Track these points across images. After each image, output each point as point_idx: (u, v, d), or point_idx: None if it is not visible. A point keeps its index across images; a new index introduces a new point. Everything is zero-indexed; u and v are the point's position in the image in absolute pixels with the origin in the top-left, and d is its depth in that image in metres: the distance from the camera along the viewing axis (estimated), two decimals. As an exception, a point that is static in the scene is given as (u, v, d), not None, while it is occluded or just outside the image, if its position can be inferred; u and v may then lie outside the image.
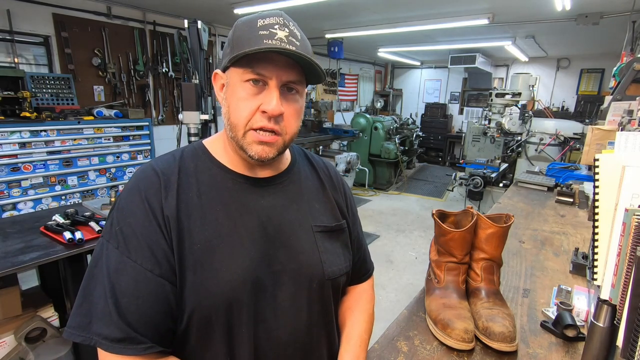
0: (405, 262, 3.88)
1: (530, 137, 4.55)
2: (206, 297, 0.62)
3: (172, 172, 0.67)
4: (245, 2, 3.94)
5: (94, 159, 3.51)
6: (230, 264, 0.64)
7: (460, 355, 0.81)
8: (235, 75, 0.64)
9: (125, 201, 0.65)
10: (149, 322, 0.60)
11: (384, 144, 6.42)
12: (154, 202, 0.63)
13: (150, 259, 0.61)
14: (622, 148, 0.61)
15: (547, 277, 1.21)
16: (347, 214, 0.83)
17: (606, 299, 0.58)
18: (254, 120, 0.64)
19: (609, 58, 6.52)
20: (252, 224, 0.68)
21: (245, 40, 0.61)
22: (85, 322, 0.59)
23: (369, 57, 8.43)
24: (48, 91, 3.47)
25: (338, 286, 0.78)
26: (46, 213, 2.03)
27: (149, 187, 0.65)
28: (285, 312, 0.69)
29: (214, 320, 0.64)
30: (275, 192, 0.73)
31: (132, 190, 0.65)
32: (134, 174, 0.69)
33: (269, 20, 0.63)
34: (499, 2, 3.69)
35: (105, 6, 4.00)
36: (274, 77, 0.63)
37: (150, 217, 0.62)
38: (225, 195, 0.68)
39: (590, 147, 1.66)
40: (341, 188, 0.86)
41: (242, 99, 0.64)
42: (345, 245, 0.80)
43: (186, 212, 0.64)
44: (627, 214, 0.53)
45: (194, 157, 0.71)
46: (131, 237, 0.61)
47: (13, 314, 1.75)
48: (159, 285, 0.61)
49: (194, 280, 0.62)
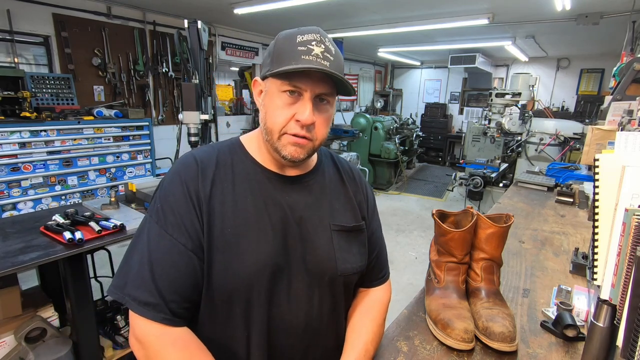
0: (405, 262, 3.88)
1: (530, 137, 4.54)
2: (232, 276, 0.69)
3: (210, 162, 0.75)
4: (245, 2, 3.94)
5: (94, 159, 3.52)
6: (255, 249, 0.71)
7: (460, 355, 0.81)
8: (274, 85, 0.71)
9: (168, 183, 0.73)
10: (176, 289, 0.67)
11: (384, 144, 6.42)
12: (191, 186, 0.71)
13: (184, 234, 0.68)
14: (622, 148, 0.61)
15: (547, 277, 1.21)
16: (367, 215, 0.89)
17: (606, 299, 0.58)
18: (288, 127, 0.70)
19: (609, 58, 6.52)
20: (276, 216, 0.74)
21: (285, 54, 0.68)
22: (122, 283, 0.67)
23: (369, 57, 8.43)
24: (48, 91, 3.47)
25: (350, 283, 0.84)
26: (46, 213, 2.03)
27: (188, 172, 0.73)
28: (298, 300, 0.75)
29: (235, 298, 0.71)
30: (301, 189, 0.79)
31: (174, 174, 0.74)
32: (177, 160, 0.78)
33: (307, 36, 0.69)
34: (499, 2, 3.70)
35: (105, 6, 4.00)
36: (308, 90, 0.69)
37: (187, 198, 0.70)
38: (255, 188, 0.75)
39: (590, 147, 1.66)
40: (364, 190, 0.91)
41: (278, 107, 0.70)
42: (362, 245, 0.86)
43: (220, 198, 0.72)
44: (627, 214, 0.53)
45: (231, 151, 0.79)
46: (169, 214, 0.69)
47: (13, 314, 1.74)
48: (189, 258, 0.68)
49: (222, 260, 0.69)
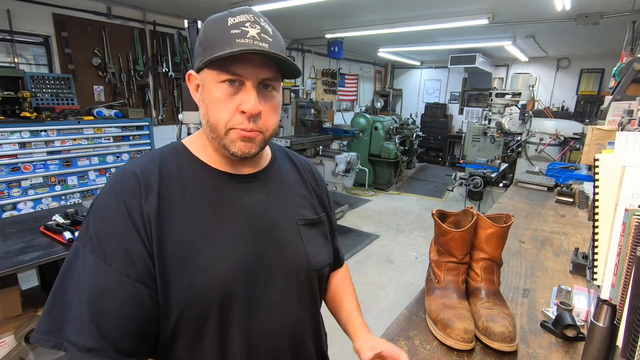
0: (405, 262, 3.88)
1: (530, 137, 4.54)
2: (197, 294, 0.62)
3: (152, 173, 0.66)
4: (244, 2, 3.94)
5: (94, 159, 3.51)
6: (220, 260, 0.64)
7: (460, 355, 0.81)
8: (210, 76, 0.63)
9: (101, 204, 0.63)
10: (123, 327, 0.58)
11: (384, 144, 6.42)
12: (131, 204, 0.61)
13: (126, 263, 0.59)
14: (622, 148, 0.61)
15: (547, 277, 1.21)
16: (327, 206, 0.87)
17: (606, 299, 0.58)
18: (233, 121, 0.64)
19: (609, 58, 6.51)
20: (239, 221, 0.68)
21: (217, 40, 0.60)
22: (56, 327, 0.57)
23: (369, 57, 8.42)
24: (48, 91, 3.47)
25: (322, 277, 0.81)
26: (46, 213, 2.03)
27: (126, 189, 0.63)
28: (277, 306, 0.70)
29: (206, 317, 0.63)
30: (259, 188, 0.73)
31: (108, 193, 0.64)
32: (111, 176, 0.67)
33: (240, 18, 0.62)
34: (499, 2, 3.69)
35: (105, 6, 3.99)
36: (250, 77, 0.63)
37: (127, 220, 0.61)
38: (210, 193, 0.68)
39: (590, 147, 1.66)
40: (322, 183, 0.89)
41: (219, 100, 0.63)
42: (326, 237, 0.84)
43: (170, 211, 0.63)
44: (627, 214, 0.53)
45: (175, 156, 0.70)
46: (106, 241, 0.60)
47: (13, 314, 1.75)
48: (135, 288, 0.59)
49: (181, 279, 0.61)
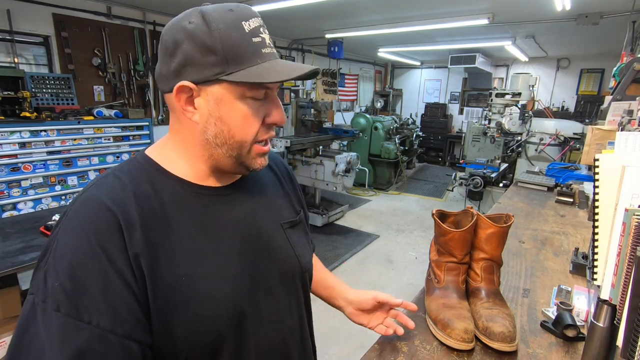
0: (405, 262, 3.88)
1: (530, 137, 4.55)
2: (207, 324, 0.57)
3: (127, 202, 0.54)
4: (245, 2, 3.93)
5: (94, 159, 3.51)
6: (223, 286, 0.60)
7: (460, 355, 0.81)
8: (235, 91, 0.56)
9: (67, 248, 0.50)
10: None
11: (384, 144, 6.42)
12: (109, 246, 0.50)
13: (109, 317, 0.48)
14: (622, 148, 0.61)
15: (547, 277, 1.21)
16: (302, 202, 0.85)
17: (606, 299, 0.58)
18: (259, 133, 0.61)
19: (609, 58, 6.51)
20: (232, 238, 0.63)
21: (242, 50, 0.54)
22: None
23: (369, 57, 8.43)
24: (48, 91, 3.47)
25: (311, 274, 0.81)
26: (46, 213, 2.03)
27: (100, 228, 0.51)
28: (280, 314, 0.69)
29: (220, 344, 0.59)
30: (242, 198, 0.69)
31: (75, 233, 0.51)
32: (70, 209, 0.54)
33: (252, 22, 0.56)
34: (499, 2, 3.69)
35: (105, 6, 3.99)
36: (274, 87, 0.61)
37: (106, 266, 0.49)
38: (196, 214, 0.61)
39: (590, 147, 1.66)
40: (294, 178, 0.87)
41: (249, 115, 0.58)
42: (306, 234, 0.83)
43: (159, 244, 0.55)
44: (627, 214, 0.53)
45: (147, 176, 0.60)
46: (79, 294, 0.48)
47: (13, 314, 1.75)
48: (122, 348, 0.49)
49: (187, 313, 0.55)
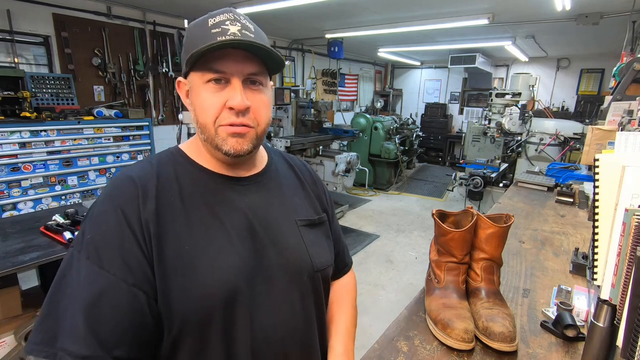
0: (405, 262, 3.88)
1: (530, 137, 4.55)
2: (200, 298, 0.61)
3: (150, 178, 0.65)
4: (245, 2, 3.93)
5: (94, 159, 3.51)
6: (222, 263, 0.64)
7: (460, 355, 0.81)
8: (196, 78, 0.64)
9: (98, 211, 0.62)
10: (120, 335, 0.56)
11: (384, 144, 6.42)
12: (128, 210, 0.61)
13: (123, 268, 0.58)
14: (622, 148, 0.61)
15: (547, 277, 1.21)
16: (327, 207, 0.87)
17: (606, 299, 0.58)
18: (221, 117, 0.64)
19: (609, 58, 6.52)
20: (239, 222, 0.68)
21: (198, 41, 0.61)
22: (50, 337, 0.55)
23: (369, 57, 8.43)
24: (48, 91, 3.47)
25: (327, 277, 0.81)
26: (46, 213, 2.03)
27: (123, 195, 0.63)
28: (280, 308, 0.69)
29: (209, 322, 0.62)
30: (258, 190, 0.73)
31: (104, 199, 0.63)
32: (109, 183, 0.67)
33: (220, 17, 0.63)
34: (499, 2, 3.69)
35: (105, 6, 3.99)
36: (235, 73, 0.63)
37: (124, 225, 0.60)
38: (208, 196, 0.68)
39: (590, 147, 1.66)
40: (320, 183, 0.90)
41: (206, 99, 0.64)
42: (328, 237, 0.83)
43: (170, 216, 0.63)
44: (627, 214, 0.53)
45: (173, 161, 0.70)
46: (102, 246, 0.59)
47: (13, 314, 1.75)
48: (132, 294, 0.58)
49: (184, 284, 0.60)
